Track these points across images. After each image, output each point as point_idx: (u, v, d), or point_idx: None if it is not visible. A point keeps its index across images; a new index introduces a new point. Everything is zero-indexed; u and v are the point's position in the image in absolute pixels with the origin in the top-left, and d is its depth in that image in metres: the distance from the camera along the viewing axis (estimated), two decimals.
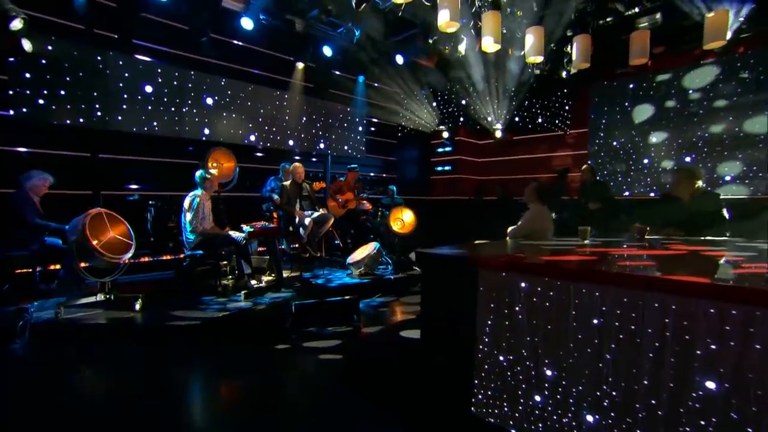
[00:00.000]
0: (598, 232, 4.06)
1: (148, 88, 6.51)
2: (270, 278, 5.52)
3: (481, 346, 2.33)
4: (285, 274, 5.95)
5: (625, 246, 3.19)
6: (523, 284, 2.16)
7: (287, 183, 6.26)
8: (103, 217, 4.22)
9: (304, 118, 8.73)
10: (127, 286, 4.87)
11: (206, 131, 7.17)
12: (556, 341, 2.02)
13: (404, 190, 10.09)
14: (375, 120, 10.56)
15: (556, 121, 9.52)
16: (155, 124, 6.56)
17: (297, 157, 6.17)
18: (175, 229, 5.41)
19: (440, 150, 11.89)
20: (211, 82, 7.21)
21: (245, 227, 5.31)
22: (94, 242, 4.05)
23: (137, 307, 4.25)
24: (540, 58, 4.96)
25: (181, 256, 5.12)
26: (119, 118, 6.21)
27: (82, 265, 4.13)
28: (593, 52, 5.30)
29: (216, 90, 7.30)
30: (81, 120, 5.88)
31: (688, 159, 7.77)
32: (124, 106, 6.26)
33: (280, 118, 8.27)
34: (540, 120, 9.47)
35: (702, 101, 7.67)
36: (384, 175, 11.25)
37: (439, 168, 11.97)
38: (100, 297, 4.31)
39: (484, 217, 9.37)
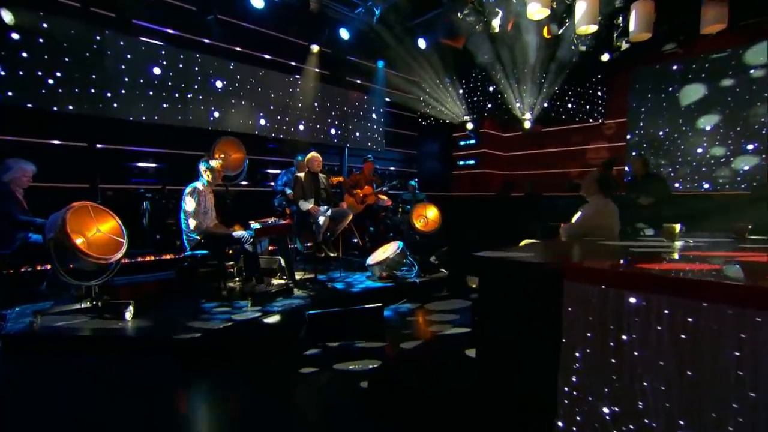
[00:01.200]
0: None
1: (151, 72, 5.98)
2: (281, 281, 4.91)
3: (567, 389, 1.66)
4: (298, 276, 5.36)
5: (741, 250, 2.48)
6: (633, 301, 1.49)
7: (301, 175, 5.67)
8: (89, 211, 3.66)
9: (318, 107, 8.14)
10: (120, 290, 4.30)
11: (213, 119, 6.62)
12: (700, 394, 1.34)
13: (424, 186, 9.51)
14: (395, 111, 9.93)
15: (591, 110, 8.73)
16: (158, 111, 6.03)
17: (313, 149, 5.44)
18: (174, 225, 4.84)
19: (463, 143, 11.24)
20: (218, 66, 6.66)
21: (253, 224, 4.71)
22: (77, 240, 3.48)
23: (128, 315, 3.67)
24: (593, 28, 4.26)
25: (183, 256, 4.53)
26: (115, 105, 5.68)
27: (70, 266, 3.55)
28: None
29: (224, 75, 6.75)
30: (74, 107, 5.36)
31: (750, 147, 6.93)
32: (123, 92, 5.73)
33: (292, 106, 7.69)
34: (572, 109, 8.69)
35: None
36: (404, 169, 10.60)
37: (462, 162, 11.32)
38: (87, 303, 3.73)
39: (512, 215, 8.67)
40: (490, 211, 9.73)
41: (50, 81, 5.18)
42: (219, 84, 6.68)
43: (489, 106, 9.44)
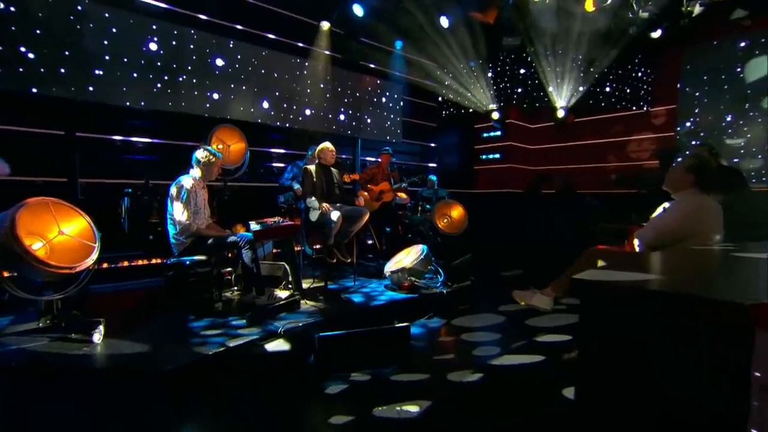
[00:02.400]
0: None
1: (139, 50, 5.44)
2: (285, 292, 4.30)
3: None
4: (305, 284, 4.78)
5: None
6: None
7: (312, 167, 5.05)
8: (49, 208, 3.05)
9: (328, 93, 7.57)
10: (97, 301, 3.73)
11: (210, 105, 6.07)
12: None
13: (443, 182, 8.84)
14: (412, 99, 9.35)
15: (634, 96, 7.97)
16: (147, 95, 5.50)
17: (325, 140, 4.95)
18: (159, 226, 4.25)
19: (486, 135, 10.57)
20: (217, 45, 6.11)
21: (253, 225, 4.11)
22: (35, 245, 2.88)
23: (96, 338, 3.07)
24: None
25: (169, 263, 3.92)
26: (92, 88, 5.11)
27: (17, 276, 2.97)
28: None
29: (223, 55, 6.19)
30: (50, 88, 4.82)
31: None
32: (105, 72, 5.17)
33: (299, 91, 7.14)
34: (613, 95, 7.94)
35: None
36: (421, 163, 10.09)
37: (485, 156, 10.65)
38: (47, 322, 3.14)
39: (544, 215, 8.01)
40: (518, 210, 9.06)
41: (21, 57, 4.61)
42: (218, 64, 6.13)
43: (518, 91, 8.72)
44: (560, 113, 8.45)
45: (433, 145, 10.27)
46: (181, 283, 3.91)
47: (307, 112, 7.27)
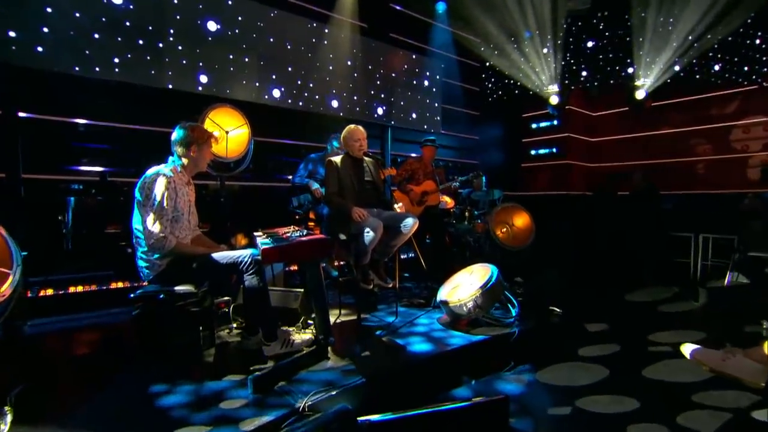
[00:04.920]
0: None
1: (103, 3, 4.55)
2: (306, 335, 3.24)
3: None
4: (331, 317, 3.65)
5: None
6: None
7: (337, 159, 4.04)
8: None
9: (355, 70, 6.80)
10: (35, 346, 2.70)
11: (202, 79, 5.23)
12: None
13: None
14: (451, 81, 8.55)
15: (743, 69, 6.76)
16: (116, 62, 4.63)
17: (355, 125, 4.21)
18: (124, 240, 3.23)
19: (537, 126, 9.55)
20: (210, 1, 5.25)
21: (260, 238, 3.07)
22: None
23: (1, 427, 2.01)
24: None
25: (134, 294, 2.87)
26: (41, 49, 4.23)
27: None
28: None
29: (218, 14, 5.35)
30: None
31: None
32: (54, 33, 4.26)
33: (319, 67, 6.35)
34: (718, 68, 6.75)
35: None
36: (461, 160, 9.21)
37: (536, 151, 9.64)
38: None
39: (617, 222, 6.86)
40: (580, 217, 7.93)
41: None
42: (211, 27, 5.27)
43: (584, 69, 7.61)
44: (640, 94, 7.29)
45: (474, 137, 9.33)
46: (155, 322, 2.84)
47: (328, 89, 6.57)
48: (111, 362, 2.88)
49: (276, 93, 5.88)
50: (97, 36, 4.50)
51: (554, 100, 8.27)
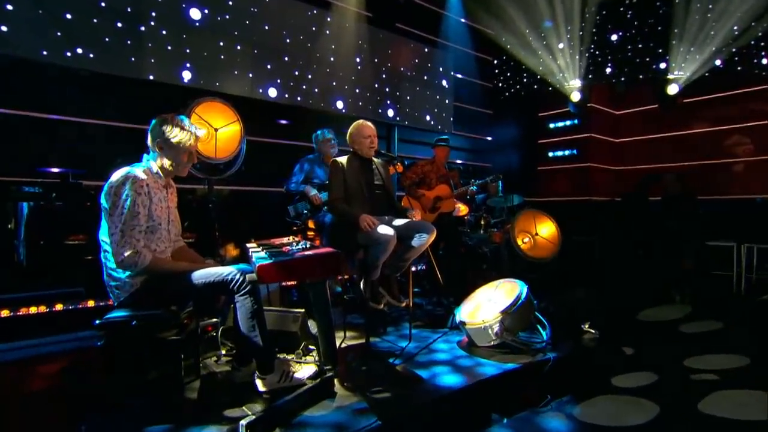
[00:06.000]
0: None
1: None
2: (309, 366, 2.95)
3: None
4: (337, 341, 3.38)
5: None
6: None
7: (342, 159, 3.75)
8: None
9: (359, 62, 6.57)
10: None
11: (186, 72, 4.95)
12: None
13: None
14: (464, 77, 8.39)
15: None
16: (91, 47, 4.37)
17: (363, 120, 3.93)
18: (90, 253, 2.93)
19: (555, 126, 9.35)
20: None
21: (254, 252, 2.77)
22: None
23: None
24: None
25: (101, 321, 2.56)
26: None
27: None
28: None
29: None
30: None
31: None
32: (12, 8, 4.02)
33: (319, 58, 6.12)
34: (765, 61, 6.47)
35: None
36: (473, 162, 9.01)
37: (554, 153, 9.48)
38: None
39: (648, 232, 6.59)
40: (605, 225, 7.67)
41: None
42: (195, 15, 5.02)
43: (609, 63, 7.36)
44: (673, 89, 7.03)
45: (488, 138, 9.11)
46: (126, 353, 2.51)
47: (330, 85, 6.33)
48: (73, 401, 2.56)
49: (272, 87, 5.66)
50: (69, 16, 4.23)
51: (576, 96, 8.03)
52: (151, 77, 4.70)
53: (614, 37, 7.37)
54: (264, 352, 2.64)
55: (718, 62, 6.68)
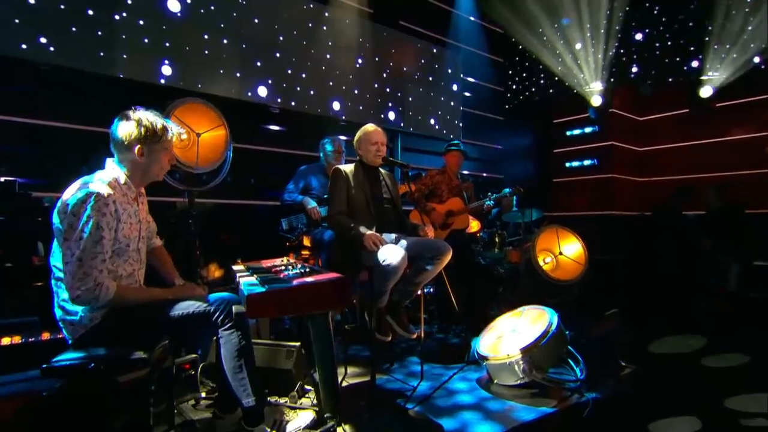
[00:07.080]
0: None
1: None
2: (307, 413, 2.72)
3: None
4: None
5: None
6: None
7: (347, 168, 3.62)
8: None
9: (359, 62, 6.54)
10: None
11: (167, 69, 4.88)
12: None
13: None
14: (474, 80, 8.42)
15: None
16: (53, 39, 4.23)
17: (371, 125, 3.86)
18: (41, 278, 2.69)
19: (572, 133, 9.26)
20: None
21: (241, 276, 2.51)
22: None
23: None
24: None
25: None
26: None
27: None
28: None
29: None
30: None
31: None
32: None
33: (314, 56, 6.08)
34: None
35: None
36: (483, 173, 8.98)
37: (572, 164, 9.46)
38: None
39: (684, 250, 6.49)
40: (637, 245, 7.49)
41: None
42: (174, 6, 4.86)
43: (635, 63, 7.23)
44: (706, 92, 6.90)
45: (499, 147, 9.07)
46: (84, 403, 2.22)
47: (328, 86, 6.24)
48: None
49: (261, 85, 5.58)
50: (32, 1, 4.07)
51: (596, 101, 7.95)
52: (120, 75, 4.59)
53: (639, 36, 7.30)
54: (256, 402, 2.35)
55: (757, 59, 6.54)
